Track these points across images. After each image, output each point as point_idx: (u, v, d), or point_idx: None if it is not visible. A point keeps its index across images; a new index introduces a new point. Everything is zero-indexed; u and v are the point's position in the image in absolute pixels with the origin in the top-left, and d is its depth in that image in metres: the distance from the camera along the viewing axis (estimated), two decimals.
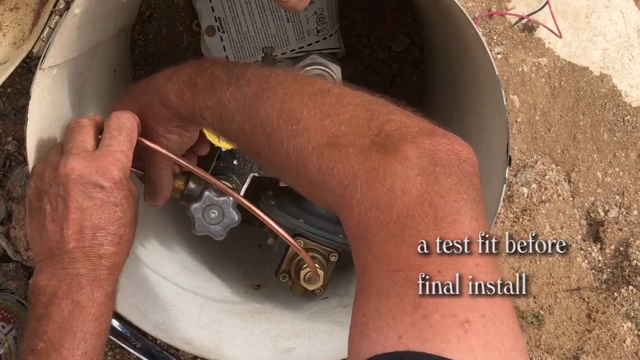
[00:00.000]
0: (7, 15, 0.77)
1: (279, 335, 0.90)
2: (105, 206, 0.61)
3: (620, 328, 1.06)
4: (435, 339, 0.43)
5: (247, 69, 0.63)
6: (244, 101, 0.60)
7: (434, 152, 0.50)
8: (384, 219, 0.48)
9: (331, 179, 0.52)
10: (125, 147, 0.64)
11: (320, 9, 1.05)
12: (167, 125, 0.68)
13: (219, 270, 1.04)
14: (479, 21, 1.13)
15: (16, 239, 0.99)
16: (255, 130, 0.59)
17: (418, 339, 0.43)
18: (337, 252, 0.87)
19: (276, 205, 0.89)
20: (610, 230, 1.12)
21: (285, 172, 0.59)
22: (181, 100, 0.65)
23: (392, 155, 0.50)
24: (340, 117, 0.55)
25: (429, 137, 0.51)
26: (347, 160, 0.51)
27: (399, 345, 0.43)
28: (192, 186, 0.82)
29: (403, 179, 0.48)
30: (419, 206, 0.47)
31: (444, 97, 1.04)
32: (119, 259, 0.63)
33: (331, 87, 0.59)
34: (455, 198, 0.48)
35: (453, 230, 0.47)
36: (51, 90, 0.72)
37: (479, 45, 0.72)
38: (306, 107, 0.56)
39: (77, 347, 0.59)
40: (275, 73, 0.62)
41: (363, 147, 0.52)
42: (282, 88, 0.59)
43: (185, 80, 0.65)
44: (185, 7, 1.15)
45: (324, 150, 0.53)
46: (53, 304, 0.60)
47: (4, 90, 1.05)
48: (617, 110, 1.16)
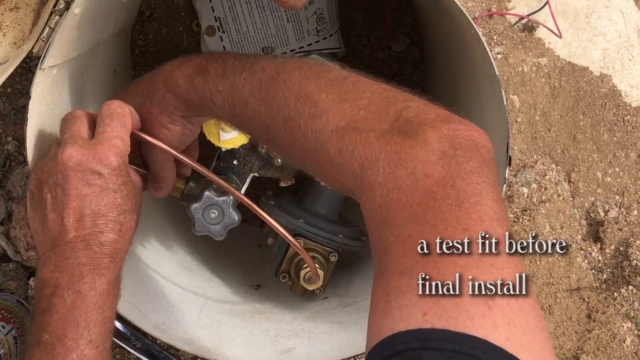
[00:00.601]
0: (7, 15, 0.77)
1: (279, 335, 0.90)
2: (105, 192, 0.62)
3: (620, 328, 1.06)
4: (459, 317, 0.43)
5: (260, 57, 0.64)
6: (259, 86, 0.61)
7: (453, 137, 0.50)
8: (406, 200, 0.48)
9: (352, 162, 0.52)
10: (120, 132, 0.64)
11: (320, 9, 1.05)
12: (172, 114, 0.68)
13: (219, 270, 1.04)
14: (479, 21, 1.13)
15: (16, 239, 0.99)
16: (271, 114, 0.60)
17: (442, 316, 0.43)
18: (337, 252, 0.87)
19: (276, 205, 0.89)
20: (610, 230, 1.12)
21: (302, 156, 0.59)
22: (191, 85, 0.65)
23: (412, 139, 0.50)
24: (358, 103, 0.55)
25: (447, 123, 0.51)
26: (368, 143, 0.52)
27: (424, 322, 0.43)
28: (192, 186, 0.82)
29: (425, 163, 0.49)
30: (441, 188, 0.48)
31: (444, 97, 1.04)
32: (120, 247, 0.63)
33: (348, 75, 0.59)
34: (477, 180, 0.48)
35: (475, 211, 0.47)
36: (51, 90, 0.72)
37: (479, 45, 0.72)
38: (324, 91, 0.57)
39: (81, 336, 0.59)
40: (291, 61, 0.62)
41: (383, 132, 0.52)
42: (299, 72, 0.59)
43: (195, 67, 0.65)
44: (185, 7, 1.15)
45: (344, 133, 0.54)
46: (56, 295, 0.60)
47: (4, 90, 1.05)
48: (617, 110, 1.16)
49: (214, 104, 0.64)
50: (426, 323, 0.43)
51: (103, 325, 0.61)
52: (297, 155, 0.60)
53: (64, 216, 0.61)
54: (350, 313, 0.91)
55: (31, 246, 0.99)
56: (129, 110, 0.66)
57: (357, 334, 0.85)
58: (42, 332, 0.60)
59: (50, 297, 0.60)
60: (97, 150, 0.62)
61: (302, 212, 0.88)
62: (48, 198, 0.62)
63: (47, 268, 0.61)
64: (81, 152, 0.61)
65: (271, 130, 0.61)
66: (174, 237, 1.05)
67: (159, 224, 1.03)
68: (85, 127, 0.65)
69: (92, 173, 0.61)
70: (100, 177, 0.61)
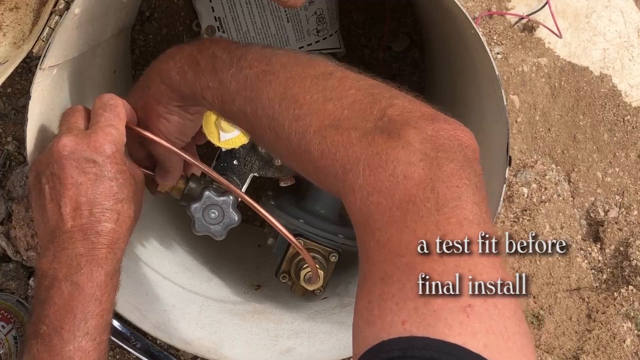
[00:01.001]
0: (7, 15, 0.77)
1: (279, 335, 0.90)
2: (100, 180, 0.62)
3: (620, 328, 1.06)
4: (437, 324, 0.43)
5: (249, 49, 0.63)
6: (245, 83, 0.60)
7: (436, 138, 0.50)
8: (386, 204, 0.48)
9: (334, 164, 0.52)
10: (114, 121, 0.64)
11: (320, 9, 1.05)
12: (168, 104, 0.68)
13: (219, 270, 1.04)
14: (479, 21, 1.13)
15: (16, 239, 0.99)
16: (256, 114, 0.59)
17: (421, 324, 0.43)
18: (337, 252, 0.87)
19: (276, 206, 0.89)
20: (610, 230, 1.12)
21: (288, 156, 0.59)
22: (183, 78, 0.65)
23: (394, 139, 0.50)
24: (343, 102, 0.55)
25: (431, 122, 0.51)
26: (349, 144, 0.51)
27: (403, 331, 0.43)
28: (192, 186, 0.82)
29: (405, 164, 0.48)
30: (421, 191, 0.47)
31: (444, 97, 1.04)
32: (118, 236, 0.63)
33: (333, 70, 0.58)
34: (457, 183, 0.48)
35: (455, 215, 0.46)
36: (51, 90, 0.72)
37: (479, 45, 0.72)
38: (308, 92, 0.56)
39: (77, 328, 0.60)
40: (277, 55, 0.61)
41: (366, 131, 0.51)
42: (284, 71, 0.59)
43: (187, 58, 0.65)
44: (185, 7, 1.15)
45: (326, 133, 0.53)
46: (54, 286, 0.60)
47: (4, 90, 1.05)
48: (617, 110, 1.16)
49: (205, 99, 0.64)
50: (405, 332, 0.43)
51: (100, 317, 0.61)
52: (284, 155, 0.60)
53: (61, 205, 0.61)
54: (350, 313, 0.90)
55: (31, 246, 0.99)
56: (122, 102, 0.66)
57: None
58: (40, 323, 0.60)
59: (48, 289, 0.60)
60: (91, 138, 0.62)
61: (302, 212, 0.88)
62: (46, 188, 0.62)
63: (46, 259, 0.61)
64: (75, 141, 0.61)
65: (257, 129, 0.61)
66: (174, 237, 1.05)
67: (159, 224, 1.03)
68: (82, 119, 0.65)
69: (86, 161, 0.61)
70: (95, 165, 0.61)
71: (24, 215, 0.98)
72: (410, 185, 0.47)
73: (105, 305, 0.62)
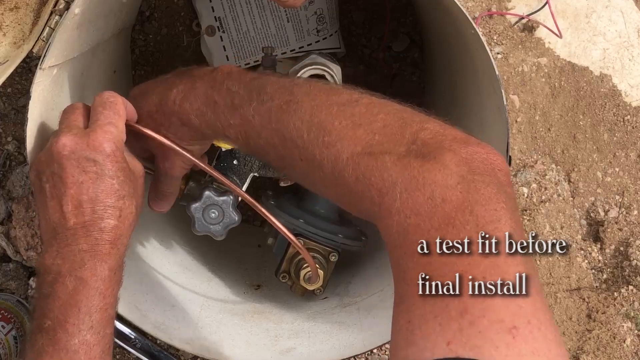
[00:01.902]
0: (7, 15, 0.77)
1: (279, 335, 0.90)
2: (101, 179, 0.62)
3: (620, 328, 1.06)
4: (484, 345, 0.43)
5: (266, 81, 0.63)
6: (269, 116, 0.60)
7: (470, 161, 0.50)
8: (424, 226, 0.48)
9: (369, 188, 0.52)
10: (113, 119, 0.64)
11: (320, 9, 1.05)
12: (190, 140, 0.68)
13: (218, 270, 1.04)
14: (479, 21, 1.13)
15: (16, 239, 0.99)
16: (285, 145, 0.59)
17: (467, 345, 0.43)
18: (337, 252, 0.87)
19: (276, 205, 0.89)
20: (610, 230, 1.12)
21: (320, 183, 0.59)
22: (203, 121, 0.65)
23: (430, 163, 0.50)
24: (373, 126, 0.55)
25: (465, 145, 0.51)
26: (384, 169, 0.52)
27: (448, 351, 0.43)
28: (192, 186, 0.82)
29: (443, 187, 0.49)
30: (460, 214, 0.48)
31: (444, 97, 1.04)
32: (121, 232, 0.63)
33: (359, 97, 0.58)
34: (495, 207, 0.49)
35: None
36: (51, 90, 0.72)
37: (479, 45, 0.72)
38: (336, 118, 0.56)
39: (82, 321, 0.60)
40: (298, 85, 0.61)
41: (400, 155, 0.52)
42: (308, 99, 0.59)
43: (202, 99, 0.65)
44: (185, 7, 1.15)
45: (359, 160, 0.53)
46: (57, 281, 0.60)
47: (4, 90, 1.05)
48: (617, 110, 1.16)
49: (228, 137, 0.64)
50: (451, 352, 0.43)
51: (104, 311, 0.61)
52: (317, 183, 0.60)
53: (63, 204, 0.61)
54: (350, 313, 0.91)
55: (31, 246, 0.99)
56: (122, 99, 0.66)
57: (356, 334, 0.85)
58: (44, 318, 0.60)
59: (52, 284, 0.61)
60: (90, 137, 0.62)
61: (302, 212, 0.88)
62: (47, 187, 0.62)
63: (49, 255, 0.61)
64: (75, 141, 0.62)
65: (287, 160, 0.61)
66: (174, 237, 1.05)
67: (159, 224, 1.03)
68: (82, 117, 0.65)
69: (86, 160, 0.61)
70: (96, 164, 0.61)
71: (24, 215, 0.99)
72: (449, 208, 0.48)
73: (109, 300, 0.62)
